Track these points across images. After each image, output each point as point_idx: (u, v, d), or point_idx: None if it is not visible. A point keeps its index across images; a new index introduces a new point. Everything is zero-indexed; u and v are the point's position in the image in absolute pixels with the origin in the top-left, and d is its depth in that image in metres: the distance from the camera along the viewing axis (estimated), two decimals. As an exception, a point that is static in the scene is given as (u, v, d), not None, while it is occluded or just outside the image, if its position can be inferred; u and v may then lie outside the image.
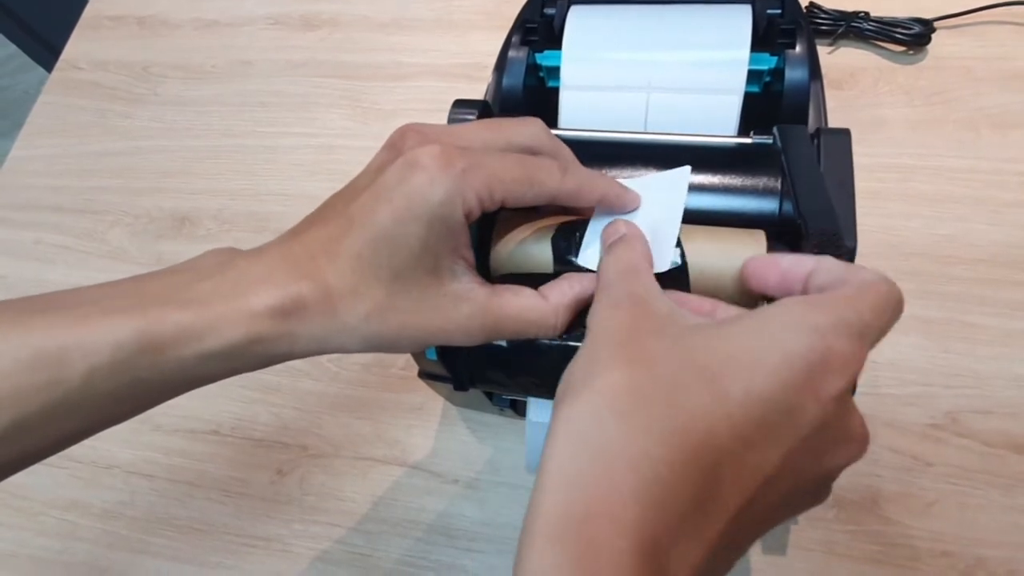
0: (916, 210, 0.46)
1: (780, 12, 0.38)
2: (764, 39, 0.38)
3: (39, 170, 0.62)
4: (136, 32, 0.67)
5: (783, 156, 0.32)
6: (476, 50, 0.59)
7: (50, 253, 0.57)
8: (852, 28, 0.51)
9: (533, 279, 0.28)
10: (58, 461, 0.47)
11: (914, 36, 0.50)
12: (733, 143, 0.34)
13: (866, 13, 0.52)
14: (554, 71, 0.39)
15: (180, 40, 0.66)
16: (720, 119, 0.36)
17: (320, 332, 0.24)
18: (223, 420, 0.48)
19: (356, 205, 0.24)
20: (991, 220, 0.45)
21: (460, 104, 0.37)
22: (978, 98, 0.49)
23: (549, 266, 0.29)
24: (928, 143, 0.48)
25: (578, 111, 0.38)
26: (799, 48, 0.37)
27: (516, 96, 0.39)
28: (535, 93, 0.40)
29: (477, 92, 0.42)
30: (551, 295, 0.27)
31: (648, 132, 0.36)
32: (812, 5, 0.53)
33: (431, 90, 0.58)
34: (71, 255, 0.57)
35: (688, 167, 0.28)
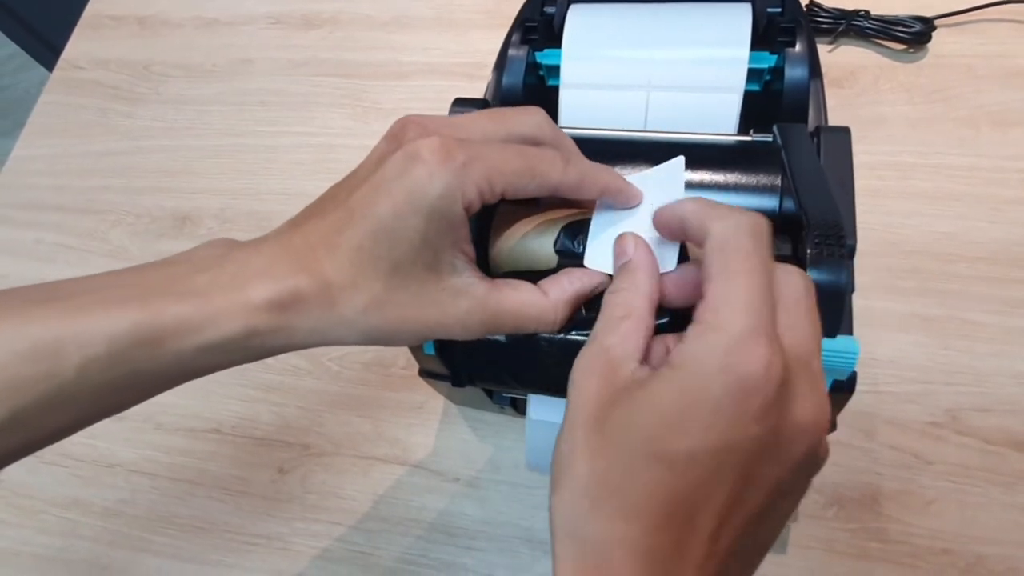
0: (916, 208, 0.46)
1: (780, 10, 0.38)
2: (764, 37, 0.37)
3: (40, 169, 0.62)
4: (137, 31, 0.67)
5: (783, 153, 0.32)
6: (476, 49, 0.59)
7: (51, 252, 0.57)
8: (852, 26, 0.51)
9: (534, 275, 0.28)
10: (60, 459, 0.47)
11: (915, 34, 0.50)
12: (733, 141, 0.34)
13: (866, 11, 0.51)
14: (554, 69, 0.40)
15: (181, 39, 0.66)
16: (720, 117, 0.36)
17: (318, 325, 0.24)
18: (224, 419, 0.48)
19: (356, 197, 0.24)
20: (991, 218, 0.45)
21: (460, 103, 0.37)
22: (978, 96, 0.49)
23: (551, 264, 0.28)
24: (928, 141, 0.48)
25: (578, 109, 0.38)
26: (799, 46, 0.37)
27: (516, 94, 0.39)
28: (535, 91, 0.40)
29: (477, 91, 0.42)
30: (551, 291, 0.26)
31: (648, 130, 0.36)
32: (812, 3, 0.53)
33: (431, 89, 0.58)
34: (72, 254, 0.57)
35: (681, 157, 0.28)
